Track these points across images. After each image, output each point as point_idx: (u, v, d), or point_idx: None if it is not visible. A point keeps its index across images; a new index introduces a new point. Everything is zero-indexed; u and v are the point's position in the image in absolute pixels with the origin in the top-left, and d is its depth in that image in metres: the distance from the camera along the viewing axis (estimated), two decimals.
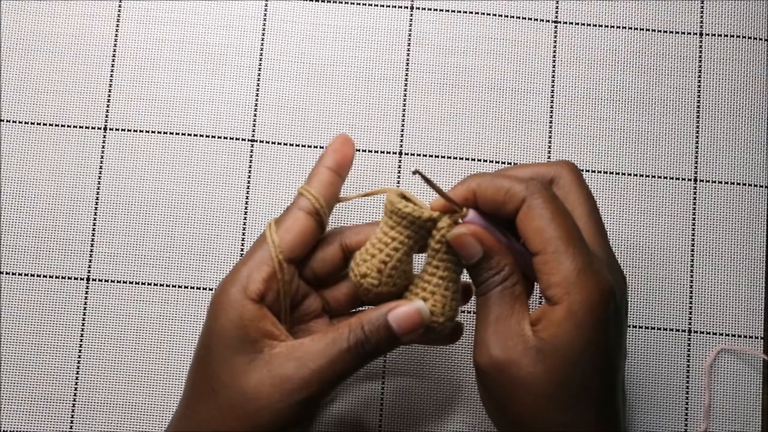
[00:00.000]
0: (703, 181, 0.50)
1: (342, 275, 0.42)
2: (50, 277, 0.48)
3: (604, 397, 0.35)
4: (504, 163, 0.50)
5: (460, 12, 0.51)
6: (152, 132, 0.50)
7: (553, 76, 0.51)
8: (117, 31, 0.51)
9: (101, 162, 0.50)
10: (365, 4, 0.51)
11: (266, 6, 0.51)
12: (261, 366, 0.36)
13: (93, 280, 0.49)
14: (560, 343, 0.34)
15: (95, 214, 0.49)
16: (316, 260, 0.40)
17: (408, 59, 0.51)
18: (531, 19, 0.51)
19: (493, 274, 0.37)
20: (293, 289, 0.39)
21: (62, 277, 0.48)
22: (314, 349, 0.36)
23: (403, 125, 0.50)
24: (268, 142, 0.50)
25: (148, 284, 0.48)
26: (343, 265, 0.41)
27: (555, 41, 0.51)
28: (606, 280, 0.35)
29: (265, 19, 0.51)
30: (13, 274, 0.48)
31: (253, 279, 0.37)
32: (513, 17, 0.51)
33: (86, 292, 0.48)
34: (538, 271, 0.35)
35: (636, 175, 0.50)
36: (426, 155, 0.50)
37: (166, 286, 0.48)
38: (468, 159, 0.50)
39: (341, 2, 0.51)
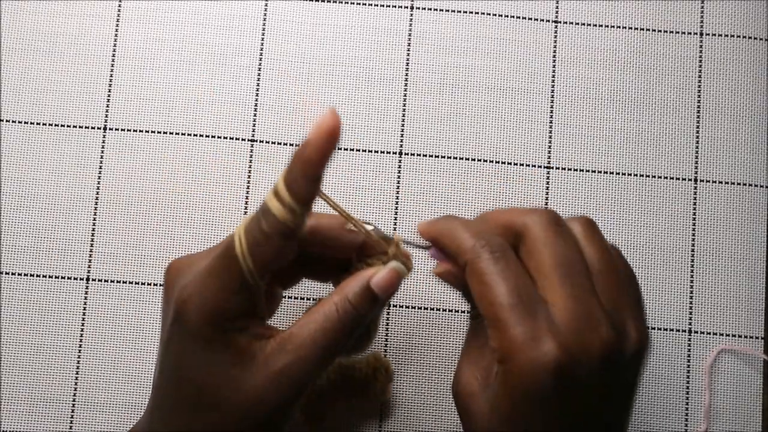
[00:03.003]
0: (703, 181, 0.50)
1: None
2: (50, 277, 0.48)
3: None
4: (504, 163, 0.50)
5: (460, 12, 0.51)
6: (152, 132, 0.50)
7: (553, 76, 0.51)
8: (117, 31, 0.51)
9: (101, 162, 0.50)
10: (365, 4, 0.51)
11: (266, 6, 0.51)
12: (259, 369, 0.35)
13: (92, 280, 0.49)
14: (497, 404, 0.33)
15: (95, 214, 0.49)
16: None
17: (408, 59, 0.51)
18: (531, 19, 0.51)
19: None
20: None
21: (62, 277, 0.48)
22: (306, 335, 0.35)
23: (403, 125, 0.50)
24: (268, 142, 0.50)
25: (148, 284, 0.48)
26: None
27: (555, 41, 0.51)
28: (547, 354, 0.32)
29: (265, 19, 0.51)
30: (13, 274, 0.48)
31: (227, 305, 0.35)
32: (513, 17, 0.51)
33: (86, 293, 0.48)
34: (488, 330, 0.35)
35: (636, 175, 0.50)
36: (426, 155, 0.50)
37: None
38: (468, 159, 0.50)
39: (341, 2, 0.51)
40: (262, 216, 0.35)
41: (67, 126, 0.50)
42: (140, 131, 0.50)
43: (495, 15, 0.51)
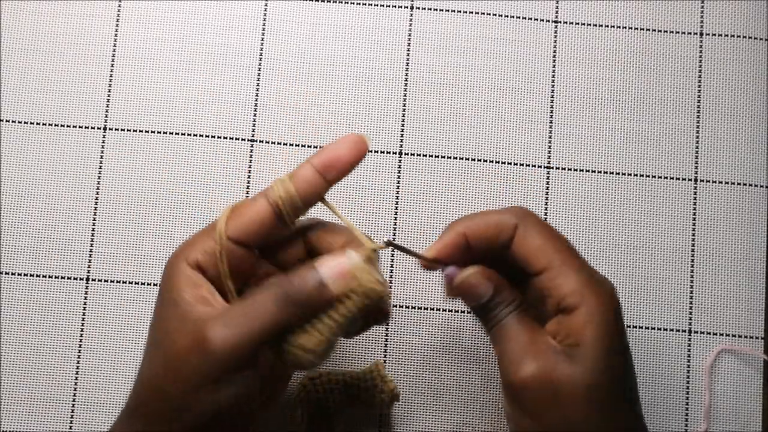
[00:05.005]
0: (703, 181, 0.50)
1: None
2: (50, 277, 0.48)
3: (634, 394, 0.37)
4: (504, 163, 0.50)
5: (460, 12, 0.51)
6: (152, 132, 0.50)
7: (553, 76, 0.51)
8: (117, 31, 0.51)
9: (101, 162, 0.50)
10: (365, 4, 0.51)
11: (266, 6, 0.51)
12: (189, 328, 0.36)
13: (92, 280, 0.49)
14: (588, 346, 0.35)
15: (95, 214, 0.49)
16: (281, 253, 0.40)
17: (408, 59, 0.51)
18: (531, 19, 0.51)
19: (505, 306, 0.38)
20: (244, 270, 0.38)
21: (62, 277, 0.48)
22: (241, 311, 0.36)
23: (403, 125, 0.50)
24: (268, 142, 0.50)
25: (148, 284, 0.48)
26: (305, 256, 0.40)
27: (555, 41, 0.51)
28: (610, 286, 0.37)
29: (265, 19, 0.51)
30: (12, 274, 0.48)
31: (194, 248, 0.37)
32: (513, 17, 0.51)
33: (85, 293, 0.48)
34: (546, 287, 0.37)
35: (636, 175, 0.50)
36: (426, 155, 0.50)
37: None
38: (468, 159, 0.50)
39: (341, 2, 0.51)
40: (262, 191, 0.38)
41: (67, 126, 0.50)
42: (140, 131, 0.50)
43: (495, 15, 0.51)
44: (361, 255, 0.36)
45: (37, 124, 0.50)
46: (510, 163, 0.50)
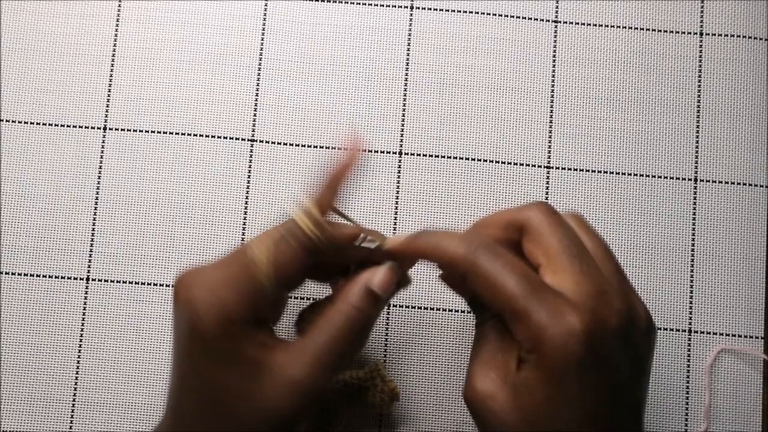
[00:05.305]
0: (703, 181, 0.50)
1: None
2: (50, 277, 0.48)
3: None
4: (504, 163, 0.50)
5: (460, 12, 0.51)
6: (152, 132, 0.50)
7: (553, 76, 0.51)
8: (117, 31, 0.51)
9: (101, 162, 0.50)
10: (365, 4, 0.51)
11: (266, 6, 0.51)
12: (273, 381, 0.35)
13: (92, 280, 0.49)
14: (531, 387, 0.33)
15: (95, 214, 0.49)
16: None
17: (408, 59, 0.51)
18: (531, 19, 0.51)
19: (485, 309, 0.37)
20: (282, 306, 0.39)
21: (62, 277, 0.48)
22: (320, 346, 0.36)
23: (403, 125, 0.50)
24: (268, 142, 0.50)
25: (148, 284, 0.48)
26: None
27: (555, 41, 0.51)
28: (574, 325, 0.33)
29: (265, 19, 0.51)
30: (12, 274, 0.48)
31: (241, 313, 0.36)
32: (513, 17, 0.51)
33: (86, 292, 0.48)
34: (509, 326, 0.35)
35: (636, 175, 0.50)
36: (426, 155, 0.50)
37: (166, 286, 0.48)
38: (468, 159, 0.50)
39: (341, 2, 0.51)
40: (290, 232, 0.37)
41: (67, 126, 0.50)
42: (140, 131, 0.50)
43: (495, 15, 0.51)
44: (396, 263, 0.39)
45: (37, 124, 0.50)
46: (510, 163, 0.50)
